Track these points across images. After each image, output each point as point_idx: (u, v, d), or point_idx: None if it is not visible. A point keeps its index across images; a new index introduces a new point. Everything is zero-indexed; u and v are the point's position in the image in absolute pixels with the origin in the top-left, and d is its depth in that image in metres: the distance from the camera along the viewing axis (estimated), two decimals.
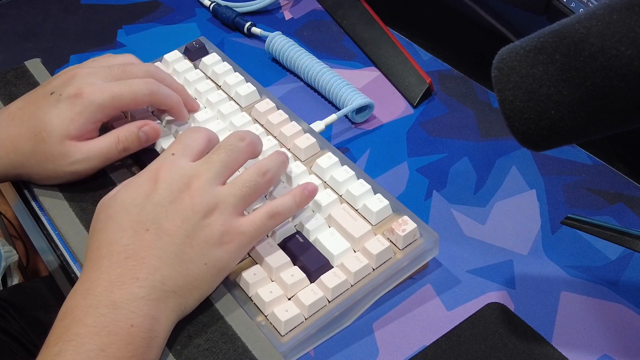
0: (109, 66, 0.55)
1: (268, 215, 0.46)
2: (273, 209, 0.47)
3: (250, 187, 0.47)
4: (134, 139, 0.53)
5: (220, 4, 0.77)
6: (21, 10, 0.79)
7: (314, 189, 0.50)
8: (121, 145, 0.53)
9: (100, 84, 0.52)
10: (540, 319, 0.47)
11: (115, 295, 0.41)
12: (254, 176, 0.47)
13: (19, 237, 1.26)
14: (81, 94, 0.51)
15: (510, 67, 0.37)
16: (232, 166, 0.48)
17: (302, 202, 0.49)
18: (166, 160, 0.47)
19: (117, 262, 0.42)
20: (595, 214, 0.54)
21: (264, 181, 0.47)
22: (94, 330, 0.40)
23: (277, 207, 0.47)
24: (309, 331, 0.45)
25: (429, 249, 0.49)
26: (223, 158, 0.47)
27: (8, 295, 0.80)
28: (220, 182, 0.46)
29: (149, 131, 0.54)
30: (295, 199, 0.48)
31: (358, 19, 0.74)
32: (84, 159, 0.52)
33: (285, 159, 0.51)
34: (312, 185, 0.50)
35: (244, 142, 0.49)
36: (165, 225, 0.44)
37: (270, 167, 0.48)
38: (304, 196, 0.49)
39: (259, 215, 0.46)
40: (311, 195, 0.49)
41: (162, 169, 0.46)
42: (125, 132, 0.53)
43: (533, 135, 0.37)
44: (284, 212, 0.47)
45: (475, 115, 0.64)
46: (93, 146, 0.52)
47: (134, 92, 0.53)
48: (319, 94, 0.67)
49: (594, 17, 0.35)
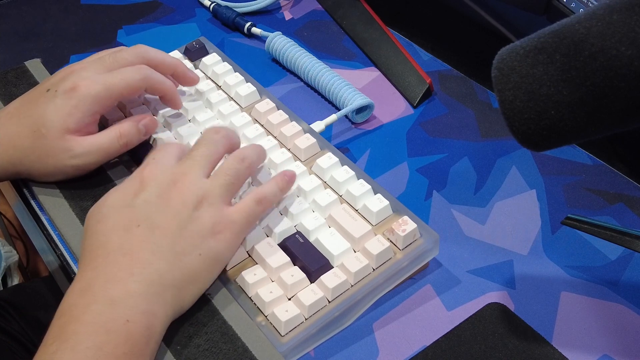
0: (100, 57, 0.55)
1: (255, 201, 0.48)
2: (259, 194, 0.48)
3: (232, 175, 0.48)
4: (135, 132, 0.54)
5: (220, 4, 0.77)
6: (21, 10, 0.79)
7: (293, 174, 0.51)
8: (123, 140, 0.53)
9: (94, 76, 0.53)
10: (540, 319, 0.47)
11: (112, 293, 0.41)
12: (234, 164, 0.48)
13: (19, 237, 1.26)
14: (76, 87, 0.52)
15: (510, 67, 0.37)
16: (213, 158, 0.49)
17: (284, 186, 0.50)
18: (149, 164, 0.48)
19: (112, 260, 0.43)
20: (595, 214, 0.54)
21: (244, 167, 0.49)
22: (91, 328, 0.40)
23: (263, 192, 0.48)
24: (309, 331, 0.45)
25: (429, 249, 0.49)
26: (203, 152, 0.48)
27: (8, 295, 0.80)
28: (204, 175, 0.48)
29: (148, 123, 0.55)
30: (278, 184, 0.49)
31: (358, 19, 0.74)
32: (85, 153, 0.52)
33: (261, 149, 0.52)
34: (291, 171, 0.51)
35: (219, 134, 0.50)
36: (157, 220, 0.44)
37: (247, 154, 0.50)
38: (285, 181, 0.50)
39: (246, 202, 0.47)
40: (291, 180, 0.51)
41: (147, 171, 0.47)
42: (125, 126, 0.54)
43: (533, 135, 0.37)
44: (270, 197, 0.49)
45: (475, 115, 0.64)
46: (94, 141, 0.53)
47: (126, 79, 0.53)
48: (319, 94, 0.67)
49: (594, 17, 0.35)
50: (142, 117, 0.55)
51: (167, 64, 0.57)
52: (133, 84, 0.54)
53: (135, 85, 0.54)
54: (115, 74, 0.53)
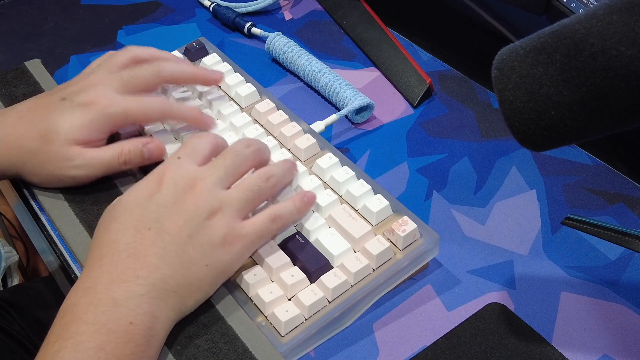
0: (118, 73, 0.55)
1: (270, 219, 0.47)
2: (275, 212, 0.47)
3: (253, 192, 0.47)
4: (137, 154, 0.54)
5: (220, 4, 0.77)
6: (21, 10, 0.79)
7: (313, 196, 0.50)
8: (123, 158, 0.53)
9: (112, 95, 0.53)
10: (540, 319, 0.47)
11: (115, 293, 0.41)
12: (258, 181, 0.47)
13: (19, 238, 1.26)
14: (94, 102, 0.52)
15: (510, 67, 0.37)
16: (237, 172, 0.48)
17: (301, 207, 0.49)
18: (172, 163, 0.47)
19: (118, 261, 0.43)
20: (595, 214, 0.54)
21: (267, 186, 0.48)
22: (93, 328, 0.40)
23: (279, 211, 0.47)
24: (309, 331, 0.45)
25: (429, 249, 0.49)
26: (228, 163, 0.48)
27: (8, 295, 0.80)
28: (224, 186, 0.47)
29: (153, 149, 0.54)
30: (295, 204, 0.48)
31: (358, 19, 0.74)
32: (85, 165, 0.52)
33: (291, 167, 0.51)
34: (311, 193, 0.50)
35: (250, 149, 0.49)
36: (168, 224, 0.44)
37: (275, 173, 0.49)
38: (303, 202, 0.49)
39: (261, 218, 0.47)
40: (310, 202, 0.50)
41: (167, 172, 0.46)
42: (129, 146, 0.53)
43: (533, 136, 0.37)
44: (285, 217, 0.48)
45: (475, 116, 0.64)
46: (96, 155, 0.53)
47: (146, 111, 0.54)
48: (319, 95, 0.67)
49: (594, 18, 0.35)
50: (149, 140, 0.54)
51: (186, 78, 0.58)
52: (151, 116, 0.54)
53: (154, 117, 0.55)
54: (136, 101, 0.54)
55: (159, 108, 0.54)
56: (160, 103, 0.55)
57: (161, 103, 0.55)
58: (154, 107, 0.54)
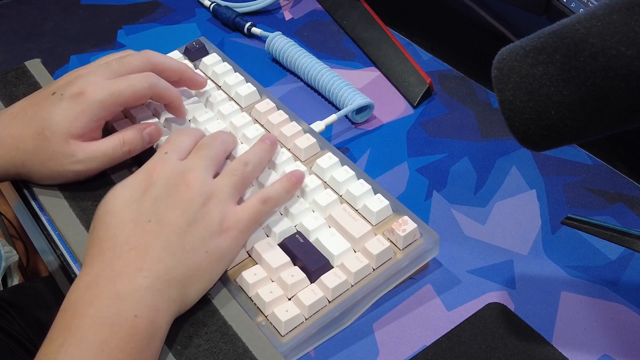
0: (106, 62, 0.55)
1: (261, 201, 0.48)
2: (265, 195, 0.49)
3: (238, 176, 0.49)
4: (139, 140, 0.54)
5: (220, 4, 0.77)
6: (21, 10, 0.79)
7: (300, 174, 0.52)
8: (127, 147, 0.54)
9: (101, 81, 0.53)
10: (540, 319, 0.47)
11: (119, 287, 0.42)
12: (238, 166, 0.50)
13: (19, 237, 1.26)
14: (83, 92, 0.52)
15: (510, 67, 0.37)
16: (218, 158, 0.51)
17: (290, 187, 0.51)
18: (160, 159, 0.49)
19: (120, 254, 0.43)
20: (595, 214, 0.54)
21: (248, 170, 0.50)
22: (97, 321, 0.40)
23: (269, 193, 0.49)
24: (309, 331, 0.45)
25: (429, 249, 0.49)
26: (211, 154, 0.50)
27: (8, 295, 0.80)
28: (212, 174, 0.49)
29: (152, 132, 0.55)
30: (283, 185, 0.50)
31: (358, 19, 0.74)
32: (88, 159, 0.52)
33: (268, 146, 0.53)
34: (299, 172, 0.52)
35: (217, 140, 0.52)
36: (166, 216, 0.45)
37: (250, 159, 0.51)
38: (291, 182, 0.51)
39: (253, 202, 0.48)
40: (298, 181, 0.51)
41: (157, 167, 0.48)
42: (129, 134, 0.54)
43: (533, 136, 0.37)
44: (275, 197, 0.49)
45: (475, 115, 0.64)
46: (98, 147, 0.53)
47: (133, 86, 0.53)
48: (319, 94, 0.67)
49: (594, 17, 0.35)
50: (146, 125, 0.55)
51: (174, 70, 0.58)
52: (139, 92, 0.54)
53: (142, 92, 0.54)
54: (122, 81, 0.53)
55: (146, 82, 0.54)
56: (146, 76, 0.54)
57: (147, 76, 0.54)
58: (140, 82, 0.54)
